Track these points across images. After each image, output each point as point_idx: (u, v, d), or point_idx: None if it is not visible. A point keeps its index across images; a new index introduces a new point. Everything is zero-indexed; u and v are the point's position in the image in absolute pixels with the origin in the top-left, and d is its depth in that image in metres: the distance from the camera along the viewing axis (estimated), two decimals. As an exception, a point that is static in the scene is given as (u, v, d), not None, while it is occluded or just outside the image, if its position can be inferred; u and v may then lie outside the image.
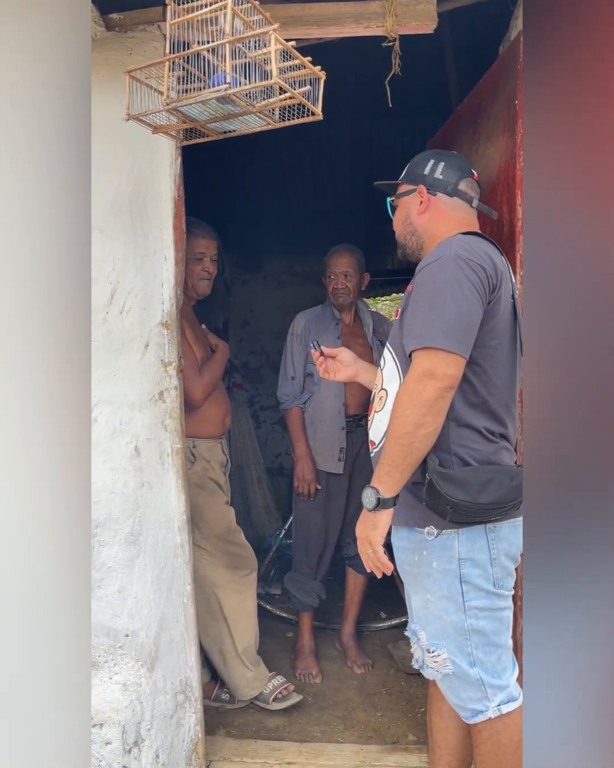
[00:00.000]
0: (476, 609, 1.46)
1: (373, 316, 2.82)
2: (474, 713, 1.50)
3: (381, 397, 1.55)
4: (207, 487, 2.25)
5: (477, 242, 1.46)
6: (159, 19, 1.79)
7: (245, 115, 1.39)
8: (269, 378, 5.35)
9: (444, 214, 1.58)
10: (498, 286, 1.42)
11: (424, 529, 1.47)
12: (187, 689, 1.94)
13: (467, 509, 1.38)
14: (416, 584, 1.54)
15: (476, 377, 1.45)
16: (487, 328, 1.43)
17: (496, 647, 1.49)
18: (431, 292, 1.40)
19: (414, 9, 1.76)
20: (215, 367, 2.28)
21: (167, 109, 1.39)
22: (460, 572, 1.45)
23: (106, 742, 1.75)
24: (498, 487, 1.39)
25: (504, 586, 1.49)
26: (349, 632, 2.80)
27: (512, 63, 1.80)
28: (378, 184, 1.74)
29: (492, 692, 1.48)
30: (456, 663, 1.48)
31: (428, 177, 1.60)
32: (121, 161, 1.83)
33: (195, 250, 2.22)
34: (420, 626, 1.55)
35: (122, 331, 1.85)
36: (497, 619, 1.48)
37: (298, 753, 2.09)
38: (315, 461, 2.64)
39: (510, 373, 1.50)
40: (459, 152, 2.24)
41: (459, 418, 1.46)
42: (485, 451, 1.47)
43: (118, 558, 1.86)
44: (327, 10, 1.78)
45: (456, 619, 1.47)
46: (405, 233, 1.65)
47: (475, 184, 1.62)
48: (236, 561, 2.33)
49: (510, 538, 1.48)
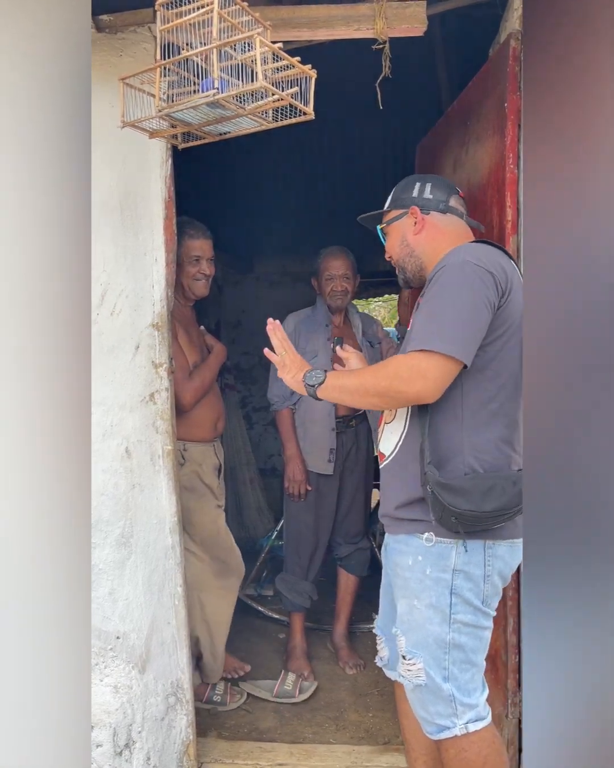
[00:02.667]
0: (460, 623, 1.45)
1: (362, 318, 2.83)
2: (439, 729, 1.47)
3: (392, 409, 1.55)
4: (196, 491, 2.24)
5: (485, 249, 1.46)
6: (149, 21, 1.79)
7: (237, 117, 1.40)
8: (261, 379, 5.34)
9: (440, 230, 1.58)
10: (508, 290, 1.41)
11: (423, 534, 1.47)
12: (178, 691, 1.94)
13: (472, 518, 1.37)
14: (406, 588, 1.52)
15: (490, 383, 1.44)
16: (499, 332, 1.42)
17: (472, 665, 1.47)
18: (437, 297, 1.40)
19: (403, 12, 1.77)
20: (207, 371, 2.26)
21: (160, 116, 1.40)
22: (452, 583, 1.44)
23: (97, 745, 1.75)
24: (501, 493, 1.38)
25: (491, 605, 1.48)
26: (341, 633, 2.81)
27: (501, 65, 1.81)
28: (362, 218, 1.74)
29: (461, 710, 1.46)
30: (430, 675, 1.46)
31: (418, 198, 1.60)
32: (112, 162, 1.83)
33: (191, 252, 2.21)
34: (402, 631, 1.53)
35: (113, 332, 1.85)
36: (478, 637, 1.47)
37: (290, 754, 2.09)
38: (306, 462, 2.65)
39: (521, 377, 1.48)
40: (449, 154, 2.26)
41: (476, 429, 1.45)
42: (496, 463, 1.45)
43: (109, 560, 1.86)
44: (317, 12, 1.78)
45: (439, 629, 1.45)
46: (403, 255, 1.63)
47: (462, 200, 1.63)
48: (223, 567, 2.33)
49: (506, 557, 1.47)
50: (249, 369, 5.49)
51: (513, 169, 1.77)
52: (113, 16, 1.81)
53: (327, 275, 2.66)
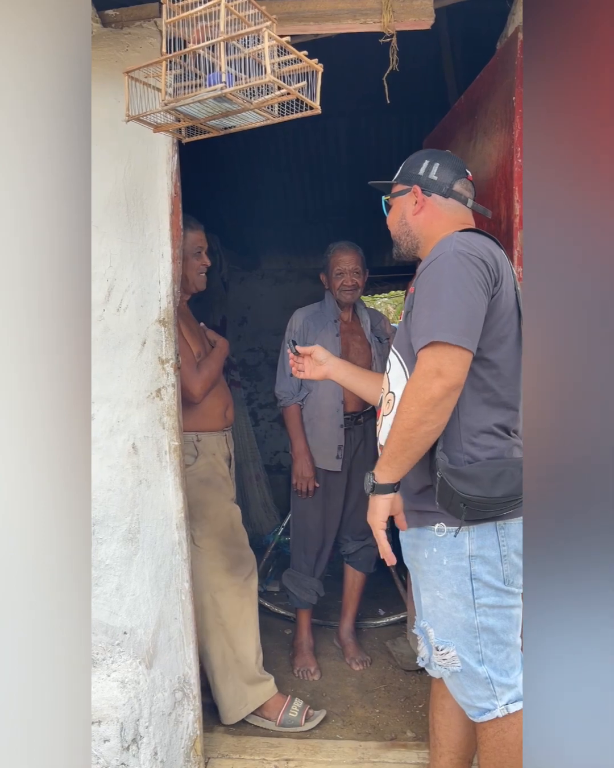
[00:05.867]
0: (486, 606, 1.46)
1: (370, 313, 2.82)
2: (481, 711, 1.50)
3: (389, 401, 1.55)
4: (212, 483, 2.20)
5: (476, 237, 1.46)
6: (155, 16, 1.78)
7: (244, 111, 1.39)
8: (267, 375, 5.34)
9: (439, 214, 1.58)
10: (500, 279, 1.43)
11: (434, 526, 1.48)
12: (185, 686, 1.94)
13: (481, 504, 1.38)
14: (426, 581, 1.54)
15: (485, 371, 1.45)
16: (492, 320, 1.43)
17: (505, 645, 1.49)
18: (434, 289, 1.40)
19: (411, 5, 1.76)
20: (213, 363, 2.24)
21: (166, 109, 1.39)
22: (471, 569, 1.45)
23: (105, 740, 1.75)
24: (509, 479, 1.39)
25: (514, 584, 1.48)
26: (348, 629, 2.81)
27: (509, 59, 1.80)
28: (372, 184, 1.74)
29: (500, 691, 1.48)
30: (465, 661, 1.48)
31: (423, 178, 1.59)
32: (118, 158, 1.83)
33: (194, 244, 2.18)
34: (429, 623, 1.54)
35: (119, 328, 1.85)
36: (506, 616, 1.48)
37: (297, 750, 2.09)
38: (314, 459, 2.64)
39: (517, 365, 1.50)
40: (456, 148, 2.25)
41: (471, 415, 1.46)
42: (498, 448, 1.46)
43: (115, 555, 1.86)
44: (324, 6, 1.77)
45: (465, 616, 1.47)
46: (401, 233, 1.65)
47: (470, 183, 1.62)
48: (236, 562, 2.23)
49: (520, 535, 1.47)
50: (254, 365, 5.50)
51: (521, 163, 1.76)
52: (119, 11, 1.81)
53: (337, 270, 2.65)
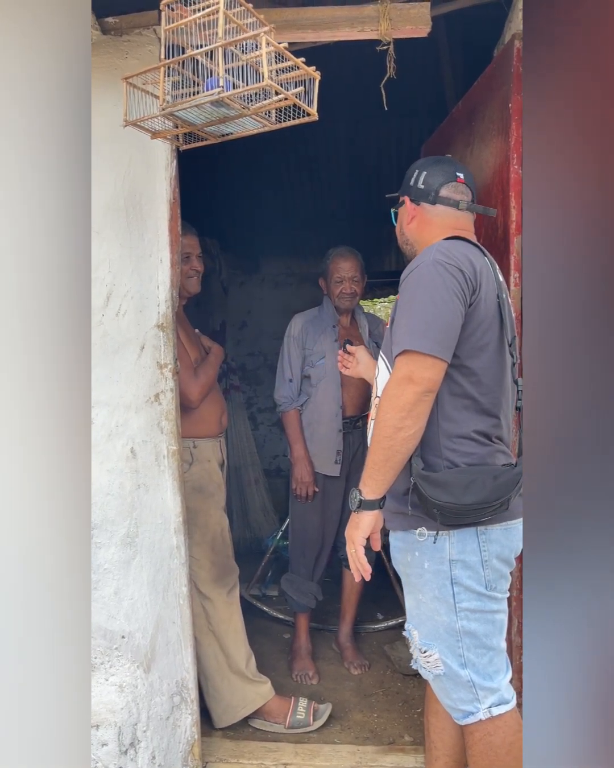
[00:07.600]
0: (467, 611, 1.47)
1: (368, 318, 2.83)
2: (465, 714, 1.51)
3: (377, 405, 1.56)
4: (204, 491, 2.22)
5: (457, 246, 1.48)
6: (154, 23, 1.80)
7: (241, 117, 1.40)
8: (267, 380, 5.35)
9: (428, 222, 1.61)
10: (478, 287, 1.45)
11: (416, 530, 1.49)
12: (183, 690, 1.94)
13: (453, 511, 1.39)
14: (409, 584, 1.56)
15: (465, 378, 1.47)
16: (470, 328, 1.44)
17: (488, 649, 1.49)
18: (411, 298, 1.44)
19: (408, 13, 1.77)
20: (210, 369, 2.26)
21: (163, 114, 1.40)
22: (451, 573, 1.46)
23: (103, 744, 1.75)
24: (480, 487, 1.40)
25: (497, 589, 1.49)
26: (346, 633, 2.80)
27: (506, 65, 1.81)
28: (388, 197, 1.80)
29: (482, 694, 1.49)
30: (447, 664, 1.49)
31: (412, 188, 1.63)
32: (117, 164, 1.84)
33: (182, 249, 2.19)
34: (414, 626, 1.56)
35: (118, 333, 1.86)
36: (489, 621, 1.49)
37: (295, 754, 2.09)
38: (313, 464, 2.65)
39: (499, 373, 1.51)
40: (454, 154, 2.26)
41: (450, 421, 1.47)
42: (479, 455, 1.48)
43: (114, 560, 1.86)
44: (322, 13, 1.78)
45: (447, 620, 1.48)
46: (402, 242, 1.71)
47: (461, 186, 1.61)
48: (222, 571, 2.24)
49: (502, 540, 1.48)
50: (254, 369, 5.50)
51: (518, 169, 1.78)
52: (118, 18, 1.82)
53: (336, 277, 2.66)
